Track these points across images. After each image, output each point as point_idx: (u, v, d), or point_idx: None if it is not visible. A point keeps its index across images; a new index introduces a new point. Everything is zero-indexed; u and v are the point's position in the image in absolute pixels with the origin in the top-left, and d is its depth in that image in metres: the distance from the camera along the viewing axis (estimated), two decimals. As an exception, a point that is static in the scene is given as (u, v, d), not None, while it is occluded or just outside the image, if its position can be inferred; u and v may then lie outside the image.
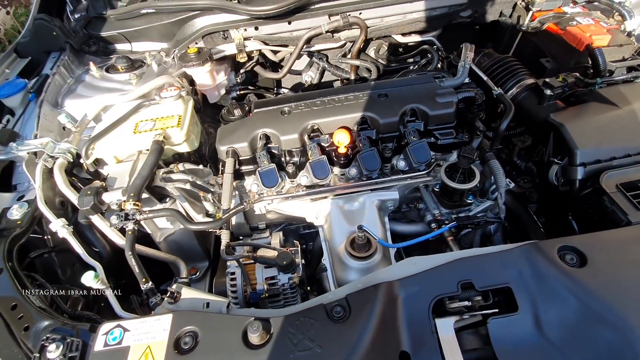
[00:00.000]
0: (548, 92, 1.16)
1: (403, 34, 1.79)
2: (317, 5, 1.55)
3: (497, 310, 0.79)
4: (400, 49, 1.91)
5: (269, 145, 1.20)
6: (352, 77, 1.78)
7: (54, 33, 1.52)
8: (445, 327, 0.80)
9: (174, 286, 0.89)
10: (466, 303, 0.81)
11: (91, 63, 1.48)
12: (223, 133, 1.19)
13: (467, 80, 1.33)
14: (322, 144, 1.20)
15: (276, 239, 1.27)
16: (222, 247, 1.09)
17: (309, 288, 1.20)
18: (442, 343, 0.77)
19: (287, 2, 1.43)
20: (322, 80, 1.96)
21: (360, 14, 1.60)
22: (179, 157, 1.39)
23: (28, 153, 1.19)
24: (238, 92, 1.77)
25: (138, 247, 1.13)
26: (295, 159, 1.21)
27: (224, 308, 0.83)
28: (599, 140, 1.05)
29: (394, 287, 0.81)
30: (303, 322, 0.77)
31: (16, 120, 1.33)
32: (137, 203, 1.05)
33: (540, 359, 0.75)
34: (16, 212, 1.11)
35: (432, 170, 1.20)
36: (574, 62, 1.32)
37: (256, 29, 1.58)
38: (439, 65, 1.54)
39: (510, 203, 1.20)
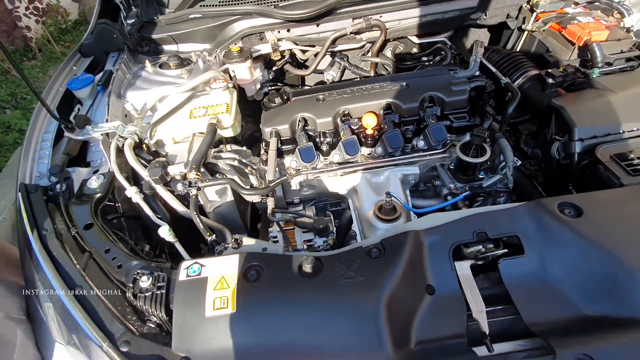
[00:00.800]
0: (550, 80, 1.33)
1: (418, 36, 1.99)
2: (342, 10, 1.75)
3: (506, 251, 0.95)
4: (415, 49, 2.10)
5: (306, 127, 1.39)
6: (372, 74, 1.97)
7: (114, 35, 1.75)
8: (463, 268, 0.97)
9: (236, 235, 1.07)
10: (480, 247, 0.98)
11: (146, 61, 1.70)
12: (267, 117, 1.39)
13: (477, 72, 1.51)
14: (352, 126, 1.39)
15: (310, 211, 1.45)
16: (269, 210, 1.28)
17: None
18: (461, 280, 0.94)
19: (317, 7, 1.63)
20: (343, 79, 2.17)
21: (380, 17, 1.80)
22: (222, 142, 1.59)
23: (102, 134, 1.40)
24: (269, 88, 1.97)
25: (192, 213, 1.33)
26: (329, 139, 1.40)
27: (281, 250, 1.01)
28: (595, 120, 1.21)
29: (420, 235, 0.98)
30: (347, 259, 0.94)
31: (87, 109, 1.54)
32: (198, 173, 1.24)
33: (545, 290, 0.90)
34: (95, 183, 1.31)
35: (448, 149, 1.37)
36: (575, 56, 1.49)
37: (288, 30, 1.79)
38: (452, 61, 1.72)
39: (518, 178, 1.37)
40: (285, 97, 1.48)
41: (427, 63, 1.80)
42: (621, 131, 1.18)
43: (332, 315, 0.86)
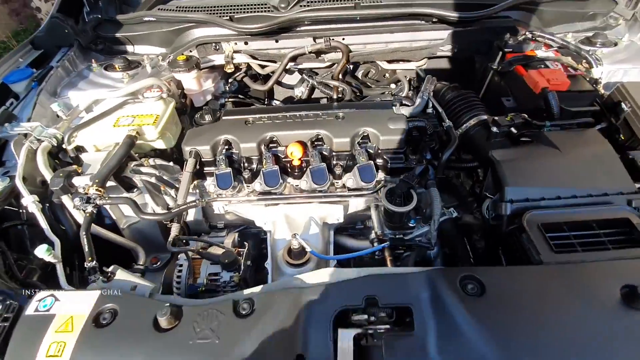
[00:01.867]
0: (494, 129, 1.22)
1: (389, 61, 1.89)
2: (302, 28, 1.67)
3: (390, 327, 0.84)
4: (386, 75, 2.01)
5: (230, 151, 1.30)
6: (335, 96, 1.88)
7: (66, 31, 1.70)
8: (345, 337, 0.85)
9: (111, 267, 0.99)
10: (367, 317, 0.87)
11: (93, 60, 1.64)
12: (190, 135, 1.31)
13: (429, 110, 1.41)
14: (279, 155, 1.30)
15: (230, 239, 1.35)
16: (170, 239, 1.19)
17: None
18: (339, 352, 0.82)
19: (271, 22, 1.55)
20: (313, 97, 2.08)
21: (343, 39, 1.71)
22: (160, 153, 1.51)
23: (19, 134, 1.33)
24: (227, 100, 1.89)
25: (100, 230, 1.25)
26: (253, 166, 1.30)
27: (148, 292, 0.92)
28: (532, 180, 1.09)
29: (302, 294, 0.88)
30: (210, 313, 0.85)
31: (16, 105, 1.49)
32: (99, 189, 1.16)
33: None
34: (-3, 185, 1.24)
35: (377, 190, 1.26)
36: (533, 104, 1.38)
37: (246, 43, 1.71)
38: (410, 94, 1.62)
39: (452, 231, 1.25)
40: (219, 115, 1.40)
41: (386, 92, 1.70)
42: (557, 197, 1.06)
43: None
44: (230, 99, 1.91)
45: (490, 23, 1.62)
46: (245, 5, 1.63)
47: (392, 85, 1.91)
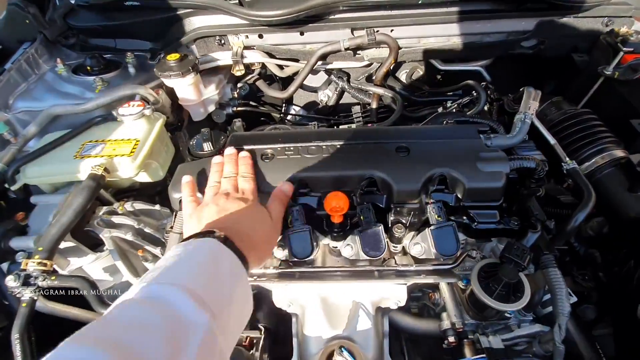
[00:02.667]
0: (648, 173, 0.78)
1: (444, 60, 1.45)
2: (338, 16, 1.23)
3: None
4: (439, 76, 1.56)
5: (238, 197, 0.88)
6: (374, 105, 1.45)
7: (27, 21, 1.29)
8: None
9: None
10: None
11: (58, 59, 1.23)
12: (181, 174, 0.89)
13: (522, 135, 0.96)
14: (311, 205, 0.88)
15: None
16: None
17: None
18: None
19: (298, 8, 1.12)
20: (341, 102, 1.66)
21: (391, 31, 1.27)
22: (140, 186, 1.11)
23: (-57, 167, 0.94)
24: (235, 109, 1.48)
25: (51, 305, 0.86)
26: (273, 221, 0.89)
27: None
28: None
29: None
30: None
31: (-49, 122, 1.09)
32: (44, 262, 0.77)
33: None
34: None
35: (459, 263, 0.84)
36: (685, 131, 0.93)
37: (260, 36, 1.29)
38: (485, 108, 1.17)
39: (568, 327, 0.83)
40: (223, 141, 0.98)
41: (449, 104, 1.25)
42: None
43: None
44: (239, 107, 1.49)
45: (603, 10, 1.15)
46: (260, -16, 1.19)
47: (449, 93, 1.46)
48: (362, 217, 0.83)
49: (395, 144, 0.88)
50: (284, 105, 1.71)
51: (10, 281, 0.76)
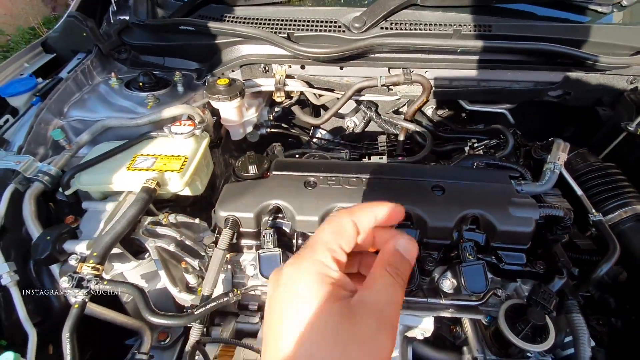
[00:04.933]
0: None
1: (470, 100, 1.52)
2: (377, 55, 1.31)
3: None
4: (464, 114, 1.64)
5: (278, 219, 0.94)
6: (402, 137, 1.52)
7: (84, 34, 1.39)
8: None
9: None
10: None
11: (113, 73, 1.31)
12: (228, 194, 0.95)
13: (548, 185, 1.02)
14: (348, 233, 0.93)
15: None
16: (188, 345, 0.83)
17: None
18: None
19: (346, 48, 1.20)
20: (367, 130, 1.73)
21: (426, 72, 1.34)
22: (177, 198, 1.17)
23: (5, 169, 1.01)
24: (269, 130, 1.55)
25: (94, 308, 0.90)
26: (310, 245, 0.94)
27: None
28: None
29: None
30: None
31: (12, 123, 1.17)
32: (97, 266, 0.82)
33: None
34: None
35: (485, 301, 0.88)
36: None
37: (302, 67, 1.37)
38: (514, 153, 1.23)
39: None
40: (267, 165, 1.04)
41: (476, 145, 1.32)
42: None
43: None
44: (272, 129, 1.57)
45: (629, 70, 1.23)
46: (307, 21, 1.28)
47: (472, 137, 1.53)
48: (396, 250, 0.87)
49: (430, 183, 0.94)
50: (311, 129, 1.79)
51: (64, 282, 0.81)
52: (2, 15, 4.55)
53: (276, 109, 1.54)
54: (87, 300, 0.80)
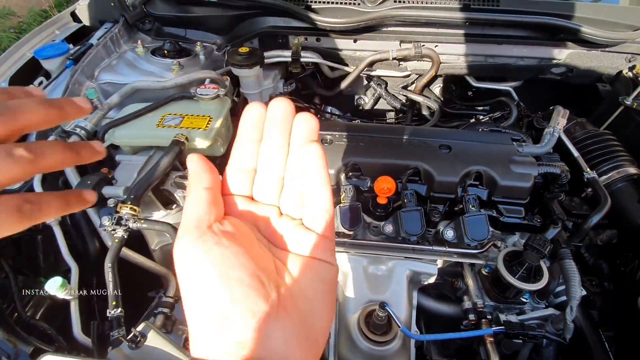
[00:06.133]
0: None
1: (477, 78, 1.59)
2: (389, 29, 1.38)
3: None
4: (470, 92, 1.70)
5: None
6: (410, 111, 1.59)
7: (112, 4, 1.46)
8: None
9: (140, 327, 0.72)
10: None
11: (139, 41, 1.39)
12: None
13: (547, 148, 1.10)
14: (361, 187, 1.01)
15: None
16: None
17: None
18: None
19: (361, 18, 1.27)
20: (375, 108, 1.80)
21: (436, 46, 1.41)
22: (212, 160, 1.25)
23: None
24: (283, 102, 1.63)
25: (125, 251, 0.99)
26: (327, 197, 1.02)
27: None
28: None
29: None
30: None
31: (46, 85, 1.25)
32: (134, 207, 0.90)
33: None
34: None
35: (485, 250, 0.97)
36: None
37: (318, 40, 1.44)
38: (517, 123, 1.31)
39: (576, 319, 0.94)
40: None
41: (481, 117, 1.39)
42: None
43: None
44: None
45: (628, 47, 1.29)
46: (326, -6, 1.35)
47: (480, 108, 1.60)
48: (405, 201, 0.96)
49: (438, 142, 1.02)
50: (322, 104, 1.86)
51: (105, 221, 0.90)
52: (14, -5, 4.61)
53: (290, 81, 1.60)
54: (126, 236, 0.89)
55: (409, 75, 1.60)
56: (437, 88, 1.73)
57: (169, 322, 0.93)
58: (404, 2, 1.30)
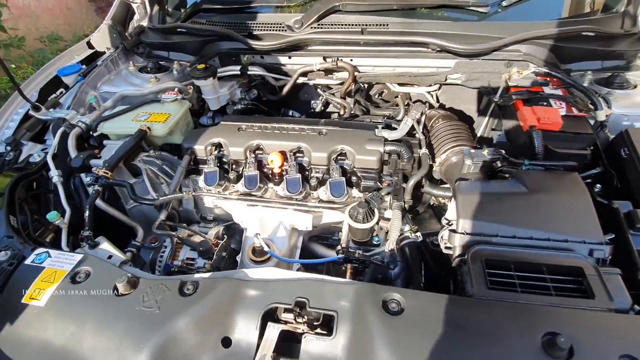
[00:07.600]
0: (468, 161, 1.23)
1: (399, 84, 1.95)
2: (315, 47, 1.79)
3: (312, 330, 0.91)
4: (398, 97, 2.06)
5: (222, 152, 1.44)
6: (342, 112, 1.97)
7: (114, 35, 1.98)
8: (272, 330, 0.94)
9: (98, 238, 1.16)
10: (293, 316, 0.95)
11: (131, 62, 1.89)
12: (190, 135, 1.48)
13: (417, 135, 1.45)
14: (263, 161, 1.42)
15: (214, 231, 1.50)
16: (155, 223, 1.36)
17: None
18: (262, 341, 0.91)
19: (282, 41, 1.70)
20: (327, 110, 2.19)
21: (351, 60, 1.80)
22: (175, 148, 1.70)
23: (58, 118, 1.60)
24: (245, 106, 2.06)
25: (106, 207, 1.45)
26: (240, 168, 1.44)
27: (118, 263, 1.08)
28: (492, 216, 1.09)
29: (242, 285, 0.98)
30: (160, 287, 0.98)
31: (64, 94, 1.77)
32: (107, 172, 1.36)
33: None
34: (37, 157, 1.50)
35: (346, 205, 1.33)
36: (522, 141, 1.36)
37: (262, 57, 1.87)
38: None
39: (413, 255, 1.27)
40: (218, 122, 1.56)
41: (386, 113, 1.75)
42: (513, 236, 1.05)
43: (110, 335, 0.90)
44: (248, 106, 2.08)
45: (498, 56, 1.61)
46: (265, 24, 1.79)
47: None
48: (289, 170, 1.35)
49: (319, 130, 1.41)
50: (282, 109, 2.28)
51: (88, 179, 1.36)
52: (62, 24, 5.48)
53: (247, 90, 2.04)
54: (100, 190, 1.35)
55: (342, 83, 1.98)
56: (375, 92, 2.10)
57: (136, 259, 1.35)
58: (319, 28, 1.71)
